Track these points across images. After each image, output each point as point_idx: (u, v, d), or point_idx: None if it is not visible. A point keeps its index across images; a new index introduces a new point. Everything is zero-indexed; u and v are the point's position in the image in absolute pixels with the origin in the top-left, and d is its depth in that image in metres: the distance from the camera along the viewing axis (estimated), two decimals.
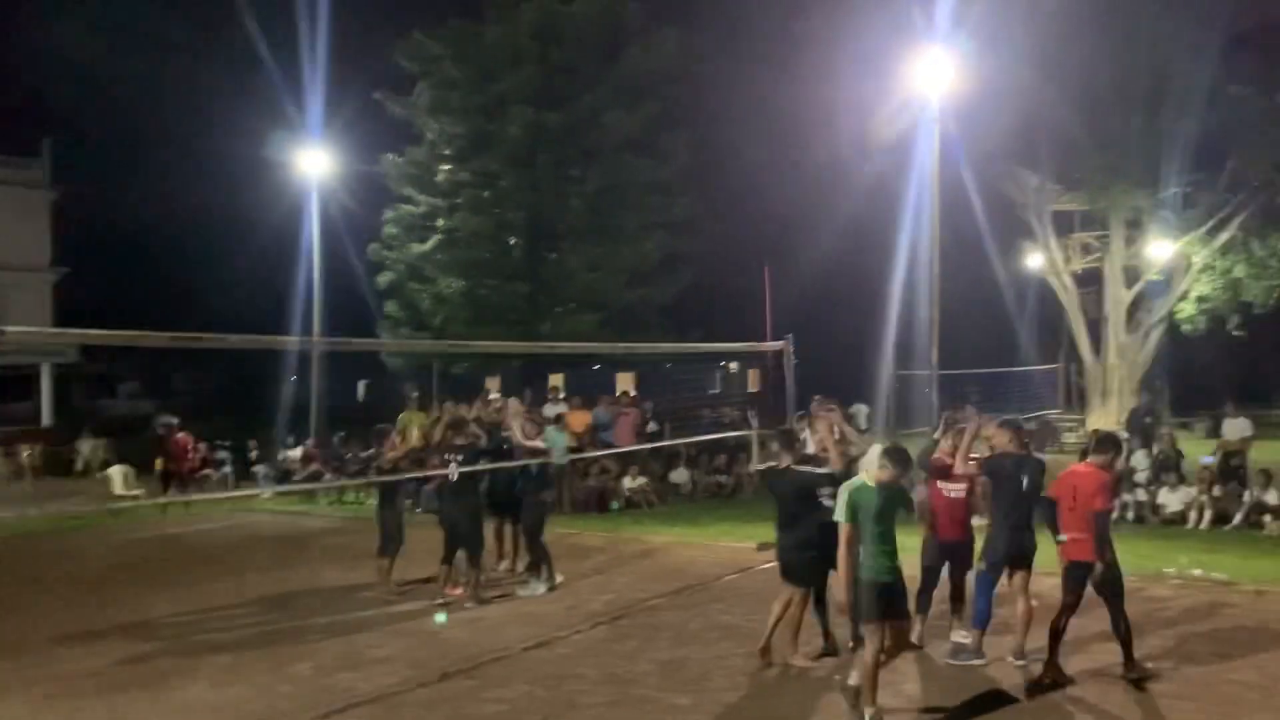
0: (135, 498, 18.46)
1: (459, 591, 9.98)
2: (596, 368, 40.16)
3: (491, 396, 16.78)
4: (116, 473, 19.11)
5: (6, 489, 22.85)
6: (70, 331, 5.77)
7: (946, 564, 8.04)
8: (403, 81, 26.46)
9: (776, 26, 26.61)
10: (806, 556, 7.52)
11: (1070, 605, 7.21)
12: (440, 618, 9.26)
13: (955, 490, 7.98)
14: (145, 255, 53.55)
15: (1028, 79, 23.97)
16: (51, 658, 8.28)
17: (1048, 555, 7.53)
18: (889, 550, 6.50)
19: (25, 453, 25.79)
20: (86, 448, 26.53)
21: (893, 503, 6.58)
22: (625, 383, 40.77)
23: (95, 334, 5.88)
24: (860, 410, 11.06)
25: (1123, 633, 7.16)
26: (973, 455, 7.99)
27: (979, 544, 7.84)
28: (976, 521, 8.18)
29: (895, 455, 6.59)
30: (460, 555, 9.96)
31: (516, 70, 24.74)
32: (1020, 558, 7.54)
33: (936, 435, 8.86)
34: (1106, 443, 7.58)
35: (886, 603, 6.44)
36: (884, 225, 21.45)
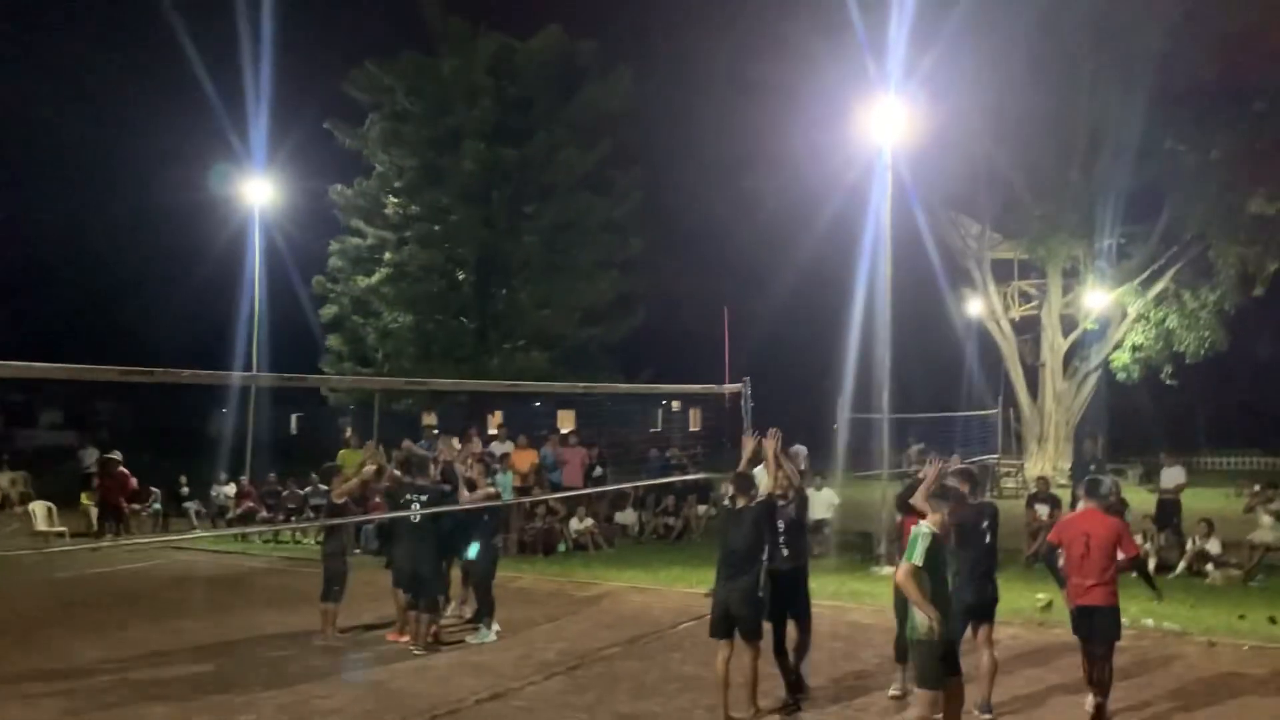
0: (60, 534, 17.74)
1: (405, 638, 9.65)
2: (537, 404, 39.89)
3: (435, 432, 16.47)
4: (39, 508, 18.32)
5: None
6: (12, 364, 5.36)
7: None
8: (353, 111, 26.15)
9: (731, 71, 26.95)
10: (757, 607, 7.28)
11: (1090, 653, 7.18)
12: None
13: None
14: (74, 284, 52.15)
15: (969, 130, 24.53)
16: None
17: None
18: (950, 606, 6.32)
19: None
20: (4, 480, 25.46)
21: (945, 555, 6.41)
22: (566, 420, 40.56)
23: (42, 367, 5.53)
24: (799, 451, 11.09)
25: (1106, 682, 7.13)
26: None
27: None
28: None
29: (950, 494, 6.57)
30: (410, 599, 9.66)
31: (471, 104, 24.59)
32: (985, 608, 7.48)
33: (920, 473, 8.71)
34: (1112, 490, 7.62)
35: (950, 664, 6.23)
36: (838, 268, 21.66)
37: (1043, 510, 14.48)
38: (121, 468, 19.54)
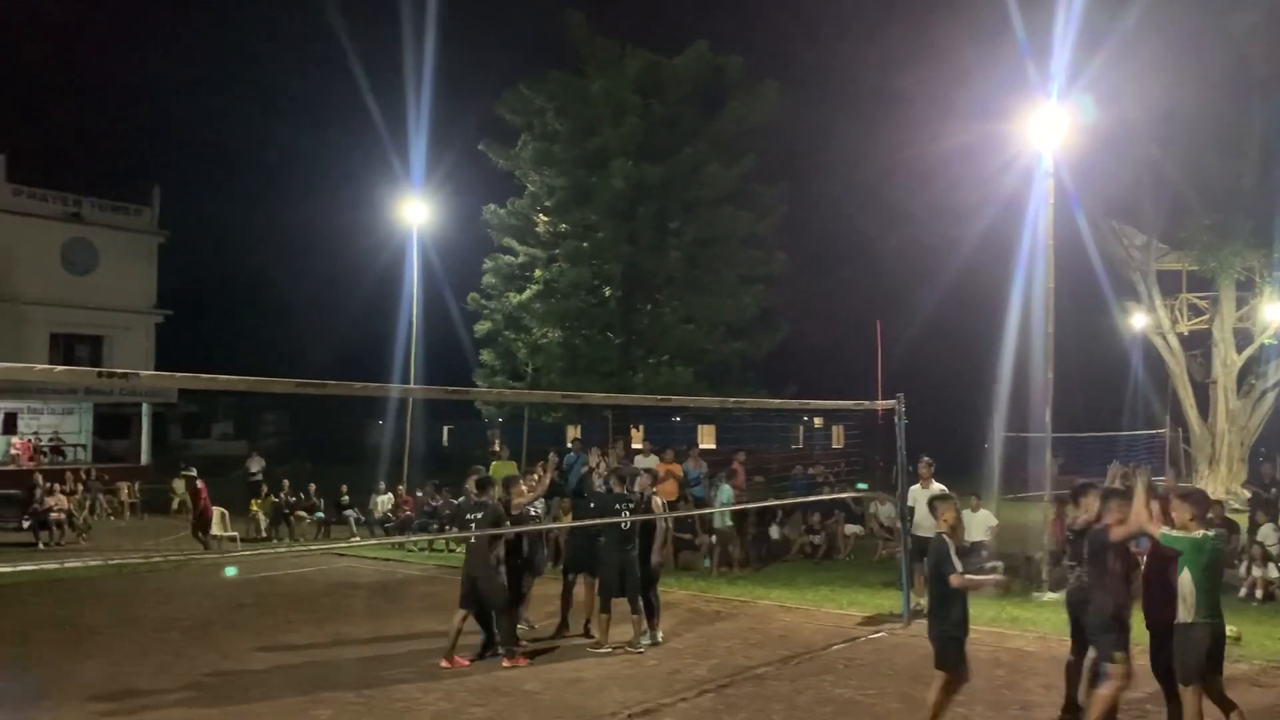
0: (231, 538, 18.73)
1: (459, 662, 9.51)
2: (677, 419, 39.94)
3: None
4: (215, 513, 19.37)
5: (108, 525, 23.37)
6: (200, 377, 5.66)
7: None
8: (505, 133, 26.84)
9: (878, 81, 26.52)
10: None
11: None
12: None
13: None
14: (245, 300, 55.38)
15: (1135, 135, 23.40)
16: (148, 703, 8.23)
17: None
18: None
19: (125, 490, 26.46)
20: (180, 487, 27.09)
21: None
22: (707, 436, 40.50)
23: (225, 379, 5.82)
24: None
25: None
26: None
27: None
28: None
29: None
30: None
31: (619, 123, 24.92)
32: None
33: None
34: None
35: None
36: (990, 281, 20.97)
37: None
38: (199, 483, 20.01)
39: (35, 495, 20.03)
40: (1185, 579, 6.56)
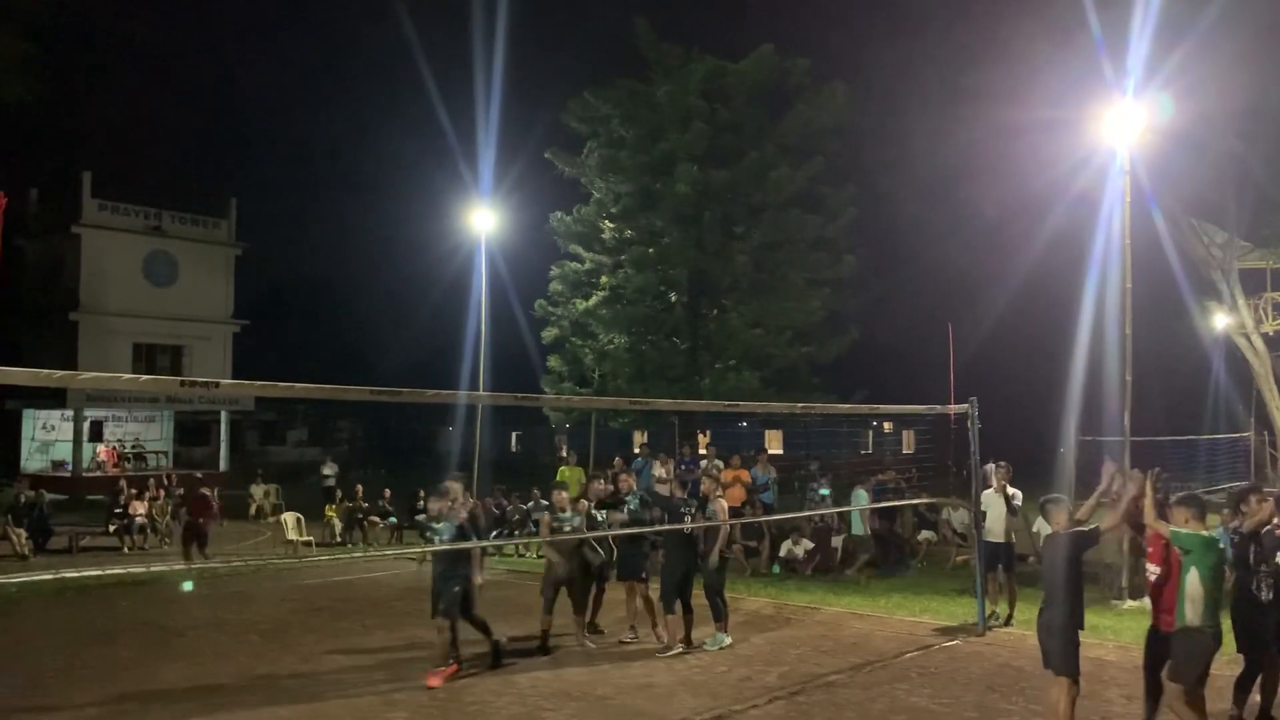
0: (307, 543, 19.10)
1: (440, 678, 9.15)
2: (743, 425, 39.78)
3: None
4: (289, 518, 19.78)
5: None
6: (278, 385, 5.80)
7: None
8: (571, 140, 27.04)
9: (946, 79, 26.10)
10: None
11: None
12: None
13: None
14: (318, 309, 56.58)
15: (1215, 130, 22.71)
16: (230, 702, 8.43)
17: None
18: None
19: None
20: (259, 492, 27.78)
21: None
22: (774, 441, 40.27)
23: (302, 387, 5.95)
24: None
25: None
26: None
27: None
28: None
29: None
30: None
31: (684, 129, 24.91)
32: None
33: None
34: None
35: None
36: (1064, 282, 20.50)
37: None
38: (204, 489, 20.18)
39: (120, 500, 20.65)
40: (1193, 579, 6.43)
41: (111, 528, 20.30)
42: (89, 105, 58.80)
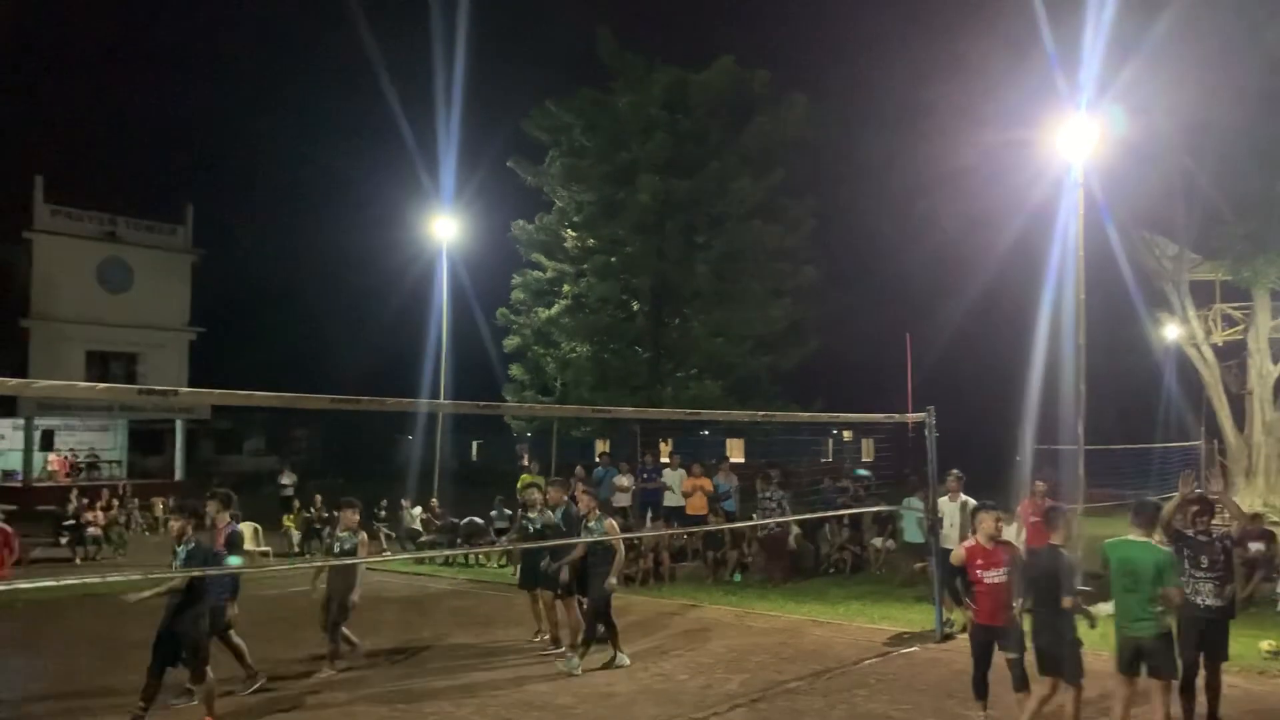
0: (265, 554, 18.88)
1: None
2: (705, 433, 39.91)
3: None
4: (246, 529, 19.44)
5: (143, 540, 23.63)
6: (237, 393, 5.78)
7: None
8: (533, 149, 27.05)
9: (905, 94, 26.47)
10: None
11: None
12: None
13: None
14: (276, 317, 55.97)
15: (1166, 145, 23.19)
16: (187, 715, 8.34)
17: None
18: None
19: (159, 505, 26.75)
20: (213, 508, 27.32)
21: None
22: (735, 449, 40.43)
23: (261, 396, 5.91)
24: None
25: None
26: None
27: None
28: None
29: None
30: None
31: (646, 138, 25.06)
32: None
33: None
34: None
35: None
36: (1020, 293, 20.84)
37: (1256, 548, 13.47)
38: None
39: (72, 511, 20.29)
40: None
41: (63, 539, 19.92)
42: (42, 109, 57.86)
